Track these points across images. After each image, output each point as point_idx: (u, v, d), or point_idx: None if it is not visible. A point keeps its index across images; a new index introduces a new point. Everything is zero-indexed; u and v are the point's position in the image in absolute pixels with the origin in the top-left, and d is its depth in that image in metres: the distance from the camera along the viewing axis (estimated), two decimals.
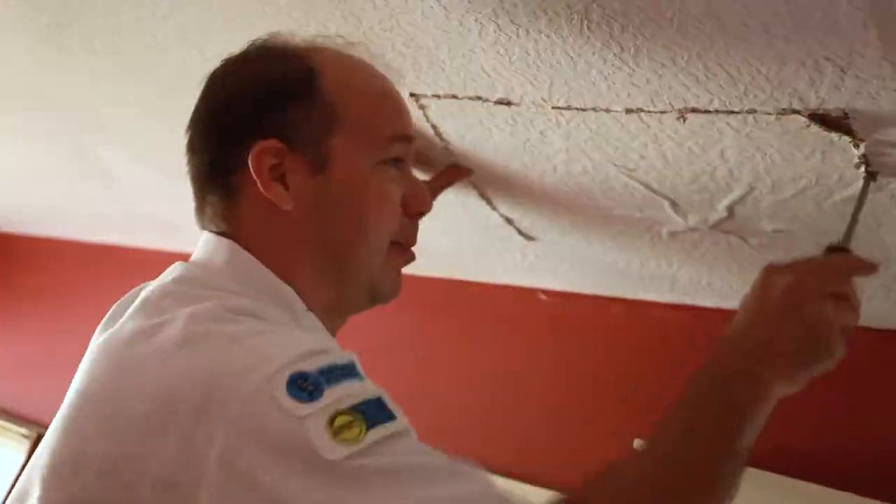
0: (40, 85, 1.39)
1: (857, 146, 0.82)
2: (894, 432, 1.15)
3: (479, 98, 0.95)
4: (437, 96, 0.98)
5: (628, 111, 0.88)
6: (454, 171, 1.13)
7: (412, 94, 0.98)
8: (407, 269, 0.81)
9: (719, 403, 0.67)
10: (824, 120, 0.80)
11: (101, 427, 0.60)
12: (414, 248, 0.82)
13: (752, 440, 0.67)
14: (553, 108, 0.92)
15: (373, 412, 0.58)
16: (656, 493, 0.62)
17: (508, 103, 0.94)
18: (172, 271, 0.73)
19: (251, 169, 0.71)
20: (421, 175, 1.00)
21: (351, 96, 0.75)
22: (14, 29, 1.19)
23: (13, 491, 0.65)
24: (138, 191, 1.81)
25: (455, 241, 1.43)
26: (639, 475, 0.63)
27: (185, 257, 0.77)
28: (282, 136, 0.72)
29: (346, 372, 0.60)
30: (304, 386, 0.57)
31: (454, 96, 0.97)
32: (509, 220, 1.27)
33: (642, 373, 1.39)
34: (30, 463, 0.66)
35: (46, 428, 0.66)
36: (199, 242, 0.76)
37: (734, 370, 0.69)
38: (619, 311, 1.47)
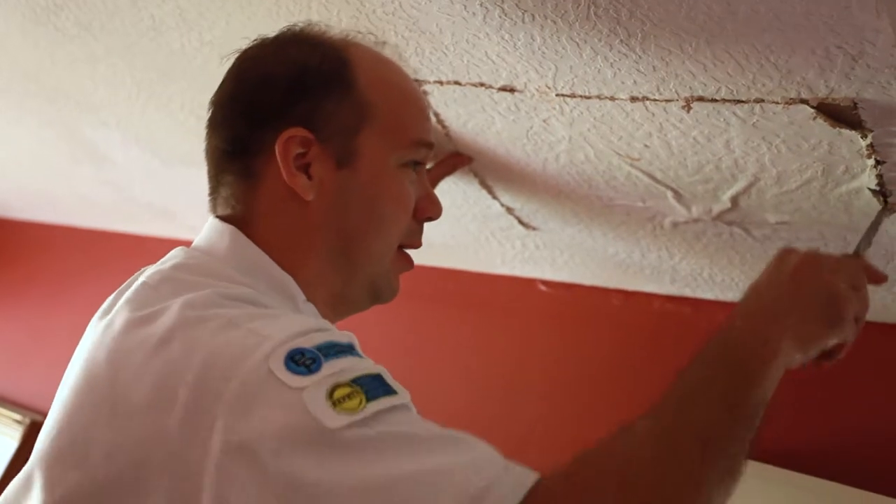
0: (34, 67, 1.37)
1: (864, 136, 0.81)
2: None
3: (482, 85, 0.94)
4: (440, 82, 0.96)
5: (633, 99, 0.87)
6: (455, 158, 1.12)
7: (414, 80, 0.97)
8: None
9: (727, 361, 0.66)
10: (832, 110, 0.80)
11: (104, 414, 0.59)
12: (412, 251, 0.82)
13: (762, 404, 0.65)
14: (557, 95, 0.90)
15: (372, 386, 0.58)
16: (662, 452, 0.59)
17: (512, 90, 0.93)
18: (173, 257, 0.72)
19: (277, 155, 0.71)
20: None
21: (384, 94, 0.75)
22: (8, 9, 1.17)
23: (16, 479, 0.64)
24: (132, 175, 1.79)
25: (454, 231, 1.42)
26: (646, 433, 0.61)
27: (179, 243, 0.76)
28: (311, 126, 0.71)
29: (345, 349, 0.60)
30: (302, 361, 0.57)
31: (457, 82, 0.95)
32: (510, 210, 1.26)
33: (642, 365, 1.38)
34: (33, 452, 0.65)
35: (40, 413, 0.65)
36: (204, 228, 0.75)
37: (743, 329, 0.68)
38: (619, 302, 1.46)
